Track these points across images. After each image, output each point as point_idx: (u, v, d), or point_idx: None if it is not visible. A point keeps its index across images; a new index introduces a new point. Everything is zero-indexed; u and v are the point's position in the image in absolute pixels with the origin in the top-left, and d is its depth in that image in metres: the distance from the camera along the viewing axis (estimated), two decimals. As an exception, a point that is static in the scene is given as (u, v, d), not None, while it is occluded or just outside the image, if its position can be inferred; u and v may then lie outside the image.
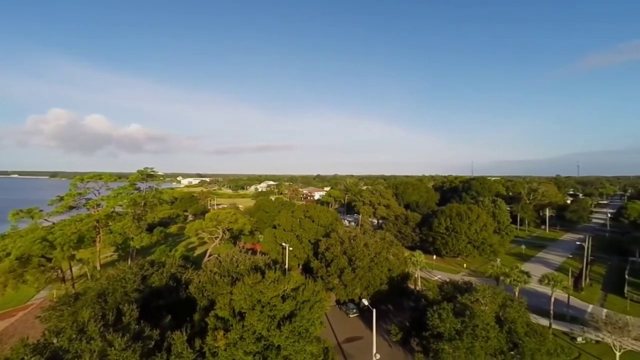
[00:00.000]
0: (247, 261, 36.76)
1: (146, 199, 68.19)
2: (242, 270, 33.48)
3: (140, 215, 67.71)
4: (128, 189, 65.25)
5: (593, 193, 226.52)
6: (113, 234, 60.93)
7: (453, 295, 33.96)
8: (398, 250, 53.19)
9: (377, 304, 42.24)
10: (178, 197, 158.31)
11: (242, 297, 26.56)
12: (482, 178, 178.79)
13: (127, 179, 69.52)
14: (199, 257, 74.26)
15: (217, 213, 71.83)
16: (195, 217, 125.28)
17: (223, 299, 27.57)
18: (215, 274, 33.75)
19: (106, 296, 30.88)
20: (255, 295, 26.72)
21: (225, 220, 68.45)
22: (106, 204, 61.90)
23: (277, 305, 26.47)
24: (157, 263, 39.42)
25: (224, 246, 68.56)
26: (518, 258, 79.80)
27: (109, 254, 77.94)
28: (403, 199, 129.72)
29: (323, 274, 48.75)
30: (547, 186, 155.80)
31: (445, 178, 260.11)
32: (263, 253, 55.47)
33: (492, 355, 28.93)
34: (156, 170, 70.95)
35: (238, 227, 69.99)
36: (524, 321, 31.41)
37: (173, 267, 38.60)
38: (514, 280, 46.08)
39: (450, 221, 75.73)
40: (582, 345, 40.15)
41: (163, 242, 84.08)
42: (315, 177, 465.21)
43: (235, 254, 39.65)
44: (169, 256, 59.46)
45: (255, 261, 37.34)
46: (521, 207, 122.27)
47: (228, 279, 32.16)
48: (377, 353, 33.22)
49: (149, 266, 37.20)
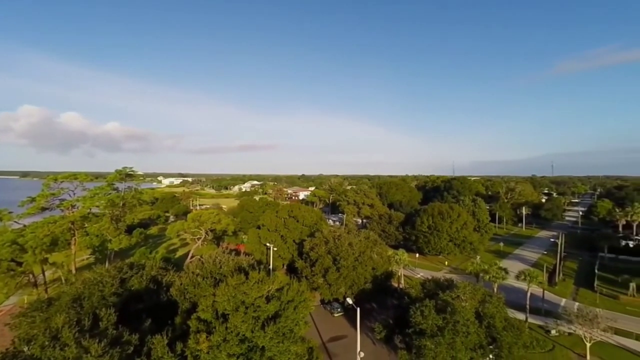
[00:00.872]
0: (230, 262, 36.23)
1: (125, 200, 66.00)
2: (226, 272, 33.00)
3: (118, 216, 65.49)
4: (105, 189, 62.94)
5: (566, 192, 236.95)
6: (89, 236, 58.56)
7: (435, 293, 34.70)
8: (382, 249, 53.85)
9: (361, 303, 42.62)
10: (159, 198, 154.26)
11: (226, 298, 26.18)
12: (462, 178, 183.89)
13: (104, 179, 67.04)
14: (180, 259, 72.67)
15: (200, 213, 70.49)
16: (177, 218, 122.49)
17: (206, 300, 27.09)
18: (198, 275, 33.10)
19: (82, 301, 29.70)
20: (239, 297, 26.40)
21: (208, 220, 67.24)
22: (82, 204, 59.46)
23: (261, 306, 26.25)
24: (137, 265, 38.26)
25: (206, 247, 67.33)
26: (497, 255, 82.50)
27: (85, 257, 74.98)
28: (387, 199, 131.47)
29: (307, 274, 48.73)
30: (524, 185, 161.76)
31: (427, 178, 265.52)
32: (247, 254, 54.87)
33: (472, 349, 29.75)
34: (136, 169, 68.79)
35: (221, 227, 68.90)
36: (502, 316, 32.51)
37: (153, 269, 37.57)
38: (492, 276, 47.66)
39: (432, 220, 77.37)
40: (556, 337, 41.96)
41: (143, 243, 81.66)
42: (300, 177, 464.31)
43: (219, 255, 38.99)
44: (149, 258, 57.82)
45: (238, 262, 36.86)
46: (499, 205, 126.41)
47: (211, 280, 31.60)
48: (361, 351, 33.51)
49: (128, 269, 36.05)
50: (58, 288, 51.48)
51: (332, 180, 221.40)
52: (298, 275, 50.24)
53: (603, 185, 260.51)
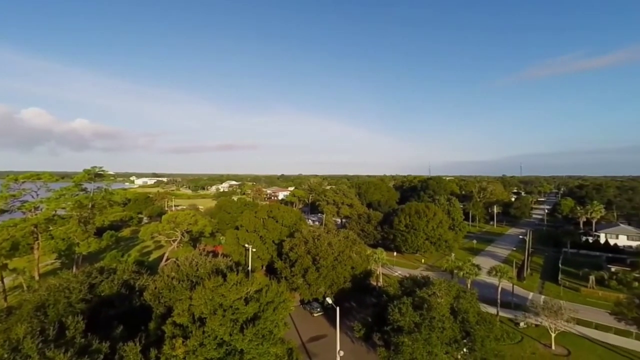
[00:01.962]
0: (207, 264, 35.41)
1: (94, 201, 62.83)
2: (203, 274, 32.21)
3: (87, 218, 62.21)
4: (72, 190, 59.60)
5: (533, 191, 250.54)
6: (55, 240, 55.28)
7: (412, 290, 35.54)
8: (361, 248, 54.49)
9: (340, 302, 42.92)
10: (131, 199, 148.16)
11: (203, 301, 25.54)
12: (438, 178, 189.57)
13: (71, 179, 63.50)
14: (155, 262, 70.20)
15: (175, 214, 68.31)
16: (151, 220, 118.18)
17: (181, 304, 26.32)
18: (173, 278, 32.08)
19: (46, 309, 28.00)
20: (217, 299, 25.84)
21: (184, 222, 65.30)
22: (46, 206, 56.02)
23: (239, 308, 25.83)
24: (107, 270, 36.56)
25: (182, 249, 65.37)
26: (470, 252, 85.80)
27: (49, 262, 70.66)
28: (365, 198, 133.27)
29: (287, 274, 48.50)
30: (495, 185, 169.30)
31: (405, 178, 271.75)
32: (225, 255, 53.86)
33: (447, 344, 30.74)
34: (106, 169, 65.70)
35: (198, 229, 67.13)
36: (475, 311, 33.82)
37: (125, 273, 36.07)
38: (466, 273, 49.56)
39: (409, 219, 79.24)
40: (524, 329, 44.20)
41: (114, 246, 78.08)
42: (280, 177, 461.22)
43: (195, 257, 37.96)
44: (121, 262, 55.25)
45: (216, 264, 36.10)
46: (472, 204, 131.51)
47: (187, 283, 30.73)
48: (340, 350, 33.76)
49: (98, 273, 34.43)
50: (19, 296, 48.26)
51: (312, 180, 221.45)
52: (277, 276, 49.90)
53: (566, 184, 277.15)
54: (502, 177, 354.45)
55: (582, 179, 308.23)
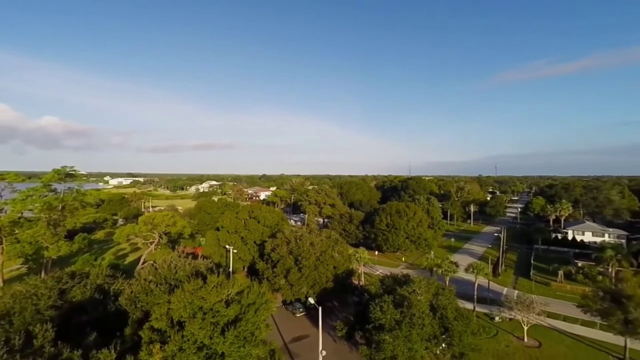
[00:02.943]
0: (187, 266, 34.55)
1: (65, 202, 59.82)
2: (182, 277, 31.42)
3: (57, 220, 59.18)
4: (41, 191, 56.51)
5: (507, 190, 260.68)
6: (21, 244, 52.28)
7: (393, 288, 36.15)
8: (343, 247, 54.83)
9: (323, 302, 43.04)
10: (106, 199, 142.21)
11: (182, 305, 24.92)
12: (418, 178, 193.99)
13: (39, 179, 60.16)
14: (131, 265, 67.74)
15: (153, 216, 66.20)
16: (127, 221, 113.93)
17: (159, 308, 25.56)
18: (151, 282, 31.08)
19: (11, 317, 26.40)
20: (197, 302, 25.28)
21: (162, 223, 63.44)
22: (11, 208, 52.87)
23: (220, 310, 25.38)
24: (80, 274, 34.97)
25: (160, 252, 63.51)
26: (448, 250, 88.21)
27: (15, 267, 66.58)
28: (347, 198, 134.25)
29: (269, 275, 48.10)
30: (472, 185, 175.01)
31: (386, 178, 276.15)
32: (205, 257, 52.68)
33: (427, 340, 31.51)
34: (77, 169, 62.70)
35: (177, 230, 65.39)
36: (453, 307, 34.84)
37: (99, 277, 34.61)
38: (445, 270, 50.99)
39: (390, 218, 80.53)
40: (499, 323, 45.96)
41: (87, 250, 74.73)
42: (261, 176, 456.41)
43: (174, 260, 36.93)
44: (95, 265, 53.07)
45: (196, 266, 35.29)
46: (451, 204, 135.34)
47: (165, 286, 29.86)
48: (323, 350, 33.86)
49: (69, 278, 32.86)
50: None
51: (294, 180, 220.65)
52: (259, 277, 49.40)
53: (537, 184, 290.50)
54: (479, 177, 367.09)
55: (552, 179, 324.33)
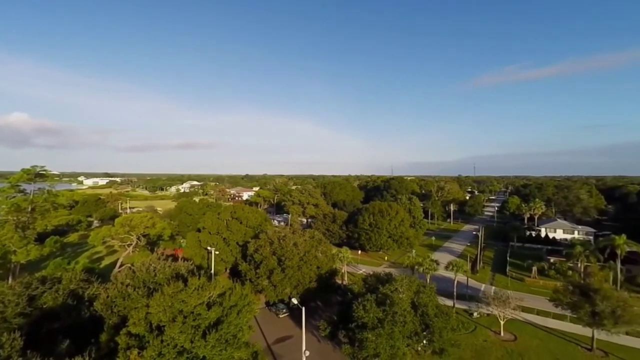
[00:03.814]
0: (166, 269, 33.62)
1: (35, 204, 56.93)
2: (161, 280, 30.56)
3: (26, 223, 56.22)
4: (8, 192, 53.61)
5: (485, 190, 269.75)
6: (-14, 248, 49.36)
7: (376, 287, 36.61)
8: (326, 247, 54.98)
9: (306, 302, 43.01)
10: (80, 201, 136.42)
11: (161, 309, 24.26)
12: (400, 178, 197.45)
13: (6, 180, 56.97)
14: (107, 269, 65.26)
15: (131, 217, 64.11)
16: (103, 223, 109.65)
17: (137, 313, 24.78)
18: (128, 286, 30.06)
19: (-25, 326, 24.84)
20: (177, 306, 24.68)
21: (141, 225, 61.54)
22: (-25, 210, 49.79)
23: (201, 313, 24.89)
24: (51, 279, 33.38)
25: (138, 254, 61.41)
26: (429, 248, 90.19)
27: (-21, 273, 62.76)
28: (331, 198, 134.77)
29: (252, 277, 47.61)
30: (452, 185, 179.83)
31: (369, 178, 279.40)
32: (185, 259, 51.47)
33: (408, 337, 32.13)
34: (49, 168, 59.85)
35: (156, 232, 63.61)
36: (434, 304, 35.70)
37: (72, 282, 33.19)
38: (426, 268, 52.15)
39: (373, 218, 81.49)
40: (477, 319, 47.46)
41: (59, 253, 71.24)
42: (244, 176, 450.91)
43: (153, 262, 35.85)
44: (67, 270, 50.66)
45: (176, 268, 34.41)
46: (432, 203, 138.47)
47: (144, 290, 28.96)
48: (306, 350, 33.84)
49: (39, 284, 31.32)
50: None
51: (277, 180, 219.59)
52: (242, 278, 48.80)
53: (513, 184, 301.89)
54: (458, 177, 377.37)
55: (527, 179, 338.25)
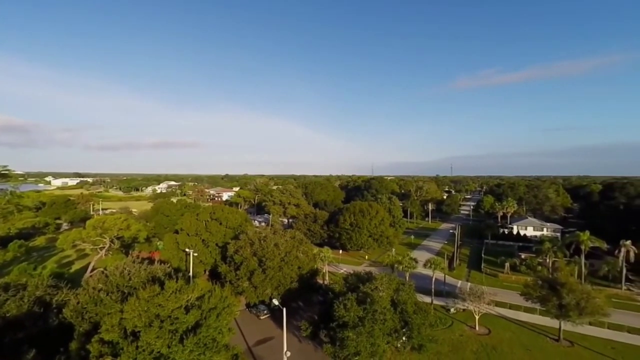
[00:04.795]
0: (142, 272, 32.49)
1: (-4, 206, 53.46)
2: (136, 283, 29.51)
3: (-14, 226, 52.69)
4: (-34, 193, 49.96)
5: (461, 190, 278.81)
6: (-60, 254, 45.84)
7: (356, 286, 37.00)
8: (307, 247, 54.97)
9: (288, 302, 42.86)
10: (47, 202, 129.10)
11: (136, 313, 23.43)
12: (380, 178, 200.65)
13: (-36, 180, 53.19)
14: (77, 274, 62.27)
15: (103, 219, 61.43)
16: (73, 226, 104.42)
17: (110, 319, 23.82)
18: (100, 291, 28.80)
19: None
20: (153, 310, 23.92)
21: (114, 227, 59.13)
22: None
23: (179, 317, 24.26)
24: (15, 286, 31.49)
25: (112, 257, 59.00)
26: (408, 247, 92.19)
27: None
28: (312, 198, 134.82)
29: (232, 278, 46.88)
30: (430, 184, 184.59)
31: (350, 178, 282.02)
32: (162, 262, 49.92)
33: (388, 334, 32.69)
34: (12, 168, 56.41)
35: (131, 234, 61.34)
36: (413, 301, 36.53)
37: (39, 288, 31.45)
38: (405, 266, 53.30)
39: (354, 217, 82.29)
40: (454, 314, 49.00)
41: (24, 258, 67.31)
42: (224, 176, 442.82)
43: (127, 266, 34.53)
44: (33, 275, 48.01)
45: (152, 271, 33.34)
46: (411, 202, 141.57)
47: (117, 295, 27.87)
48: (287, 351, 33.72)
49: (2, 291, 29.51)
50: None
51: (258, 181, 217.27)
52: (222, 280, 47.97)
53: (487, 183, 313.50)
54: (436, 177, 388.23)
55: (500, 179, 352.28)
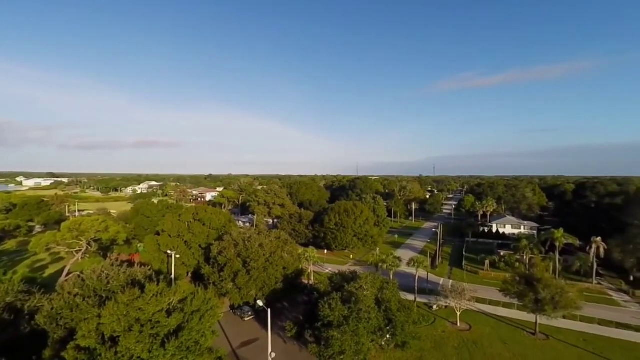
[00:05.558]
0: (121, 276, 31.51)
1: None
2: (115, 287, 28.58)
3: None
4: None
5: (444, 189, 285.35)
6: None
7: (341, 285, 37.22)
8: (292, 247, 54.79)
9: (272, 303, 42.59)
10: (19, 203, 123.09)
11: (115, 318, 22.71)
12: (365, 178, 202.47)
13: None
14: (52, 278, 59.68)
15: (80, 221, 59.11)
16: (47, 228, 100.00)
17: (87, 324, 22.99)
18: (77, 295, 27.71)
19: None
20: (133, 314, 23.25)
21: (91, 229, 57.03)
22: None
23: (160, 321, 23.69)
24: (-18, 292, 29.84)
25: (89, 261, 56.86)
26: (392, 246, 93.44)
27: None
28: (297, 198, 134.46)
29: (215, 280, 46.17)
30: (413, 184, 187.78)
31: (335, 178, 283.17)
32: (143, 264, 48.63)
33: (372, 333, 33.04)
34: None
35: (109, 236, 59.29)
36: (397, 299, 37.09)
37: (9, 294, 30.05)
38: (389, 265, 54.01)
39: (339, 217, 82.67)
40: (437, 311, 50.05)
41: (-7, 263, 63.89)
42: (207, 177, 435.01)
43: (106, 269, 33.39)
44: (3, 281, 45.56)
45: (132, 274, 32.39)
46: (395, 202, 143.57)
47: (95, 299, 26.90)
48: (272, 352, 33.53)
49: (-32, 298, 27.83)
50: None
51: (242, 181, 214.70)
52: (205, 282, 47.18)
53: (468, 183, 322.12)
54: (419, 177, 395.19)
55: (480, 179, 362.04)
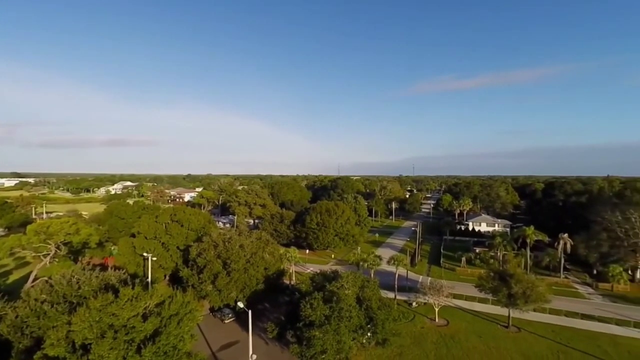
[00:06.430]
0: (93, 280, 30.17)
1: None
2: (86, 292, 27.34)
3: None
4: None
5: (423, 189, 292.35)
6: None
7: (323, 285, 37.30)
8: (274, 248, 54.41)
9: (253, 305, 42.09)
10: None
11: (87, 325, 21.71)
12: (346, 177, 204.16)
13: None
14: (16, 284, 56.25)
15: (47, 223, 56.00)
16: (10, 231, 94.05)
17: (56, 332, 21.83)
18: (44, 302, 26.27)
19: None
20: (106, 320, 22.30)
21: (61, 231, 54.16)
22: None
23: (136, 326, 22.86)
24: (-63, 301, 27.66)
25: (58, 265, 53.92)
26: (373, 245, 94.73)
27: None
28: (279, 198, 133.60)
29: (194, 282, 45.10)
30: (393, 184, 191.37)
31: (316, 177, 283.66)
32: (117, 268, 46.73)
33: (354, 331, 33.35)
34: None
35: (80, 239, 56.51)
36: (377, 297, 37.62)
37: (-32, 302, 27.91)
38: (370, 264, 54.67)
39: (320, 217, 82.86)
40: (416, 308, 51.19)
41: (-51, 269, 59.38)
42: (186, 176, 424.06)
43: (76, 273, 31.83)
44: (-39, 288, 42.55)
45: (105, 278, 31.10)
46: (375, 201, 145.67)
47: (64, 306, 25.61)
48: (253, 354, 33.15)
49: None
50: None
51: (222, 181, 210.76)
52: (183, 285, 46.04)
53: (446, 183, 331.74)
54: (399, 177, 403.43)
55: (457, 178, 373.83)
